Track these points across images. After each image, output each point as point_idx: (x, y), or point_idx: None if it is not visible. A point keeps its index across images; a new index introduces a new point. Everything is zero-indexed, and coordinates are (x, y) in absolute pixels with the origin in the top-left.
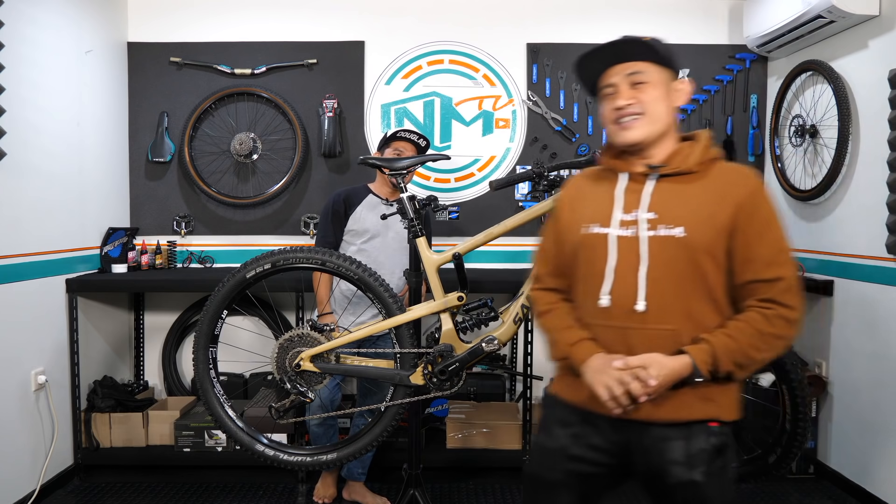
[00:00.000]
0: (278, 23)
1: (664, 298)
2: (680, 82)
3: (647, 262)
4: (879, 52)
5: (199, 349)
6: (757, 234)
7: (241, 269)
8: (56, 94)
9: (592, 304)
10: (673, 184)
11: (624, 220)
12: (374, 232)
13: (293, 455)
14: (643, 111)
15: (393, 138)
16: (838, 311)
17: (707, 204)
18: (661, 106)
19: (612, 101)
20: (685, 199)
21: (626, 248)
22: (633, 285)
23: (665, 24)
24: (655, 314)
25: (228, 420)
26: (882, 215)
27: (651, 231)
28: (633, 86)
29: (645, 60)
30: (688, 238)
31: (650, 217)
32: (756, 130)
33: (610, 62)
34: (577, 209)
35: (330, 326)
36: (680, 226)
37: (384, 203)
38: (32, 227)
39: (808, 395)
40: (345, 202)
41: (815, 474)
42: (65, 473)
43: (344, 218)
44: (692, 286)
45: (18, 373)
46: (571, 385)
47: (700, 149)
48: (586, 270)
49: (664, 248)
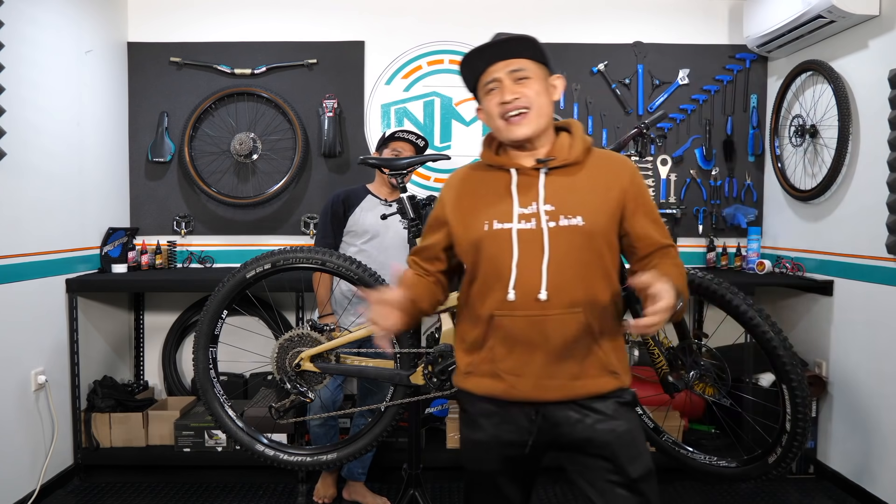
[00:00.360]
0: (278, 23)
1: (568, 285)
2: (555, 78)
3: (549, 253)
4: (879, 52)
5: (199, 349)
6: (645, 214)
7: (241, 269)
8: (56, 94)
9: (501, 298)
10: (561, 175)
11: (523, 213)
12: (374, 232)
13: (293, 455)
14: (530, 105)
15: (391, 139)
16: (838, 311)
17: (597, 192)
18: (543, 100)
19: (498, 96)
20: (577, 189)
21: (529, 240)
22: (537, 276)
23: (665, 24)
24: (561, 300)
25: (228, 420)
26: (882, 215)
27: (552, 222)
28: (516, 81)
29: (525, 57)
30: (587, 226)
31: (548, 209)
32: (756, 130)
33: (492, 59)
34: (470, 208)
35: (330, 326)
36: (579, 215)
37: (383, 203)
38: (32, 227)
39: (808, 395)
40: (344, 203)
41: (815, 474)
42: (65, 473)
43: (343, 219)
44: (592, 270)
45: (18, 373)
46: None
47: (580, 140)
48: (490, 266)
49: (566, 237)
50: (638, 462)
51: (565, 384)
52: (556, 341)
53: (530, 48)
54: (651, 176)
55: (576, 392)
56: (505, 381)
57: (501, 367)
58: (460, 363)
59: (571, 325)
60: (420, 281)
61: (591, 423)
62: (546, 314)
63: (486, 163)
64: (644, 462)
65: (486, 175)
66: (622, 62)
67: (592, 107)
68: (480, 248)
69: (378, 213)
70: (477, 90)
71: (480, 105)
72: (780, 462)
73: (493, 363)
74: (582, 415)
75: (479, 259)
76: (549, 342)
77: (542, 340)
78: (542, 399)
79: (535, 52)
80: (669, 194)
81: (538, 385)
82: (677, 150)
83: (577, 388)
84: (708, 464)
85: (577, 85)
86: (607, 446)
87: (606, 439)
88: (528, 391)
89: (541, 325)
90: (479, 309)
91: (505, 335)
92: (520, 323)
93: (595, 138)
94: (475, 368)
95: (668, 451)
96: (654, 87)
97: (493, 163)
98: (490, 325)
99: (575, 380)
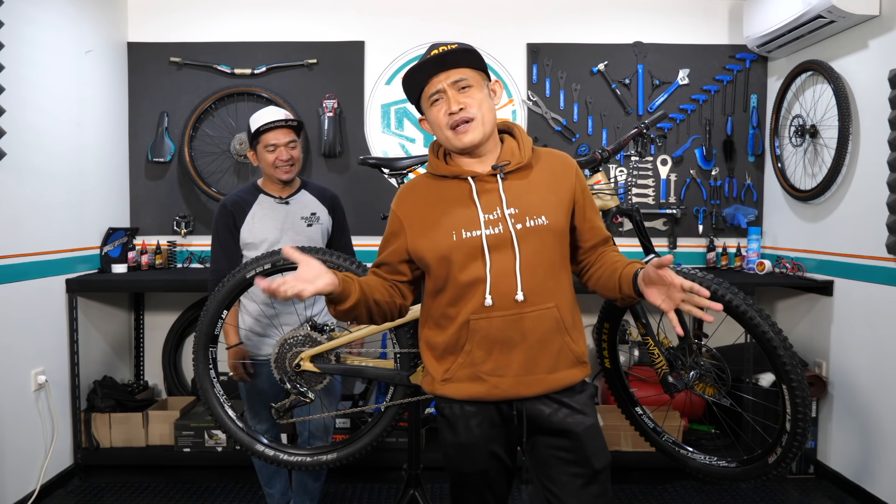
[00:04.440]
0: (278, 23)
1: (541, 283)
2: (494, 83)
3: (520, 255)
4: (879, 52)
5: (199, 349)
6: (590, 206)
7: (241, 269)
8: (56, 95)
9: (478, 303)
10: (517, 179)
11: (489, 219)
12: (273, 239)
13: (293, 455)
14: (474, 115)
15: (267, 130)
16: (838, 311)
17: (550, 190)
18: (486, 106)
19: (444, 106)
20: (532, 190)
21: (499, 245)
22: (512, 279)
23: (665, 24)
24: (535, 298)
25: (228, 420)
26: (882, 215)
27: (519, 224)
28: (459, 91)
29: (465, 67)
30: (551, 224)
31: (512, 212)
32: (756, 130)
33: (434, 71)
34: (431, 220)
35: (330, 326)
36: (542, 215)
37: (280, 202)
38: (32, 227)
39: (808, 395)
40: (233, 214)
41: (815, 474)
42: (65, 473)
43: (236, 231)
44: (557, 264)
45: (18, 373)
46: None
47: (525, 141)
48: (463, 275)
49: (533, 237)
50: (601, 455)
51: (543, 378)
52: (534, 338)
53: (469, 57)
54: (651, 176)
55: (552, 385)
56: (487, 382)
57: (482, 370)
58: (434, 371)
59: (546, 321)
60: (373, 278)
61: (563, 416)
62: (523, 312)
63: (437, 173)
64: (605, 455)
65: (439, 186)
66: (622, 62)
67: (592, 107)
68: (451, 258)
69: (275, 215)
70: (420, 102)
71: (424, 116)
72: (780, 462)
73: (472, 367)
74: (553, 408)
75: (451, 269)
76: (527, 339)
77: (520, 338)
78: (522, 395)
79: (474, 61)
80: (669, 194)
81: (518, 382)
82: (677, 150)
83: (553, 381)
84: (708, 464)
85: (577, 85)
86: (577, 439)
87: (576, 431)
88: (509, 389)
89: (518, 323)
90: (451, 316)
91: (482, 337)
92: (497, 324)
93: (595, 138)
94: (453, 374)
95: (668, 451)
96: (654, 87)
97: (446, 173)
98: (466, 330)
99: (551, 373)
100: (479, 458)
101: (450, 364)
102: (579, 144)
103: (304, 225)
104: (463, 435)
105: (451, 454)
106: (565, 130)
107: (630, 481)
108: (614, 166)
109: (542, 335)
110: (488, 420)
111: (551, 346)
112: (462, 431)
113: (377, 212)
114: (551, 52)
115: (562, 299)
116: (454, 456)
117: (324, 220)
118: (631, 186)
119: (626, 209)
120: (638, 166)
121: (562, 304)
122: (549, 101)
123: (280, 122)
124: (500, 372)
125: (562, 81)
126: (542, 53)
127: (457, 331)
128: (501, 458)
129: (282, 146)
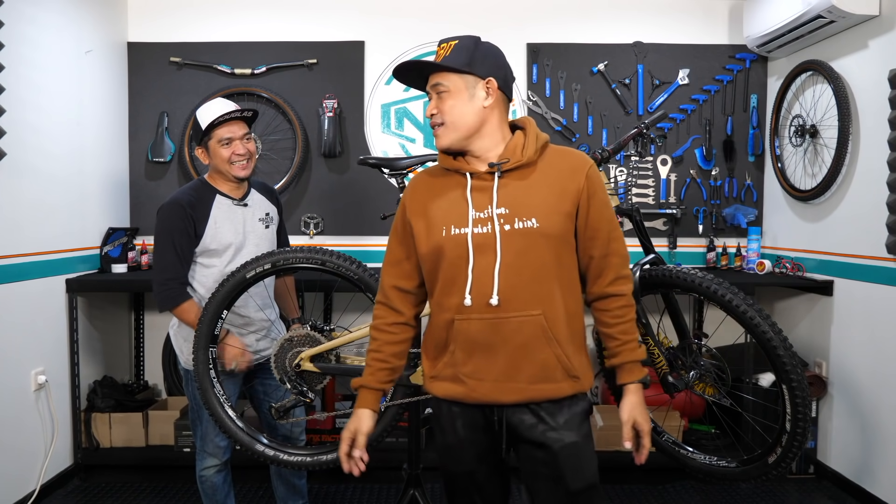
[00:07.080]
0: (278, 23)
1: (524, 288)
2: (487, 82)
3: (501, 258)
4: (879, 52)
5: (199, 349)
6: (597, 213)
7: (241, 269)
8: (56, 95)
9: (459, 303)
10: (516, 178)
11: (478, 218)
12: (238, 244)
13: (293, 455)
14: (443, 121)
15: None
16: (838, 311)
17: (552, 192)
18: (459, 111)
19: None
20: (531, 191)
21: (483, 245)
22: (490, 281)
23: (665, 24)
24: (516, 304)
25: (228, 420)
26: (882, 215)
27: (507, 226)
28: (437, 95)
29: (444, 72)
30: (542, 227)
31: (502, 213)
32: (756, 130)
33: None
34: (432, 212)
35: (330, 326)
36: (533, 217)
37: (237, 204)
38: (33, 228)
39: (808, 395)
40: (192, 218)
41: (815, 474)
42: (65, 473)
43: (196, 239)
44: (550, 272)
45: (18, 373)
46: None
47: (532, 138)
48: (449, 271)
49: (520, 240)
50: (579, 475)
51: (524, 387)
52: (514, 344)
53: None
54: (651, 176)
55: (532, 395)
56: (466, 384)
57: (463, 371)
58: (426, 368)
59: (530, 328)
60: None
61: (543, 430)
62: (503, 317)
63: (442, 166)
64: (585, 477)
65: (443, 180)
66: (622, 62)
67: (592, 107)
68: (441, 253)
69: (235, 218)
70: None
71: None
72: (780, 462)
73: (454, 367)
74: (534, 421)
75: (441, 264)
76: (508, 345)
77: (501, 343)
78: (500, 401)
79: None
80: (669, 194)
81: (496, 388)
82: (677, 150)
83: (534, 391)
84: (708, 464)
85: (577, 85)
86: (553, 456)
87: (553, 448)
88: (486, 393)
89: (499, 328)
90: (441, 314)
91: (464, 339)
92: (477, 326)
93: (595, 138)
94: (439, 373)
95: (668, 451)
96: (654, 87)
97: (449, 167)
98: (451, 330)
99: (533, 383)
100: (465, 459)
101: (437, 362)
102: (579, 144)
103: (263, 227)
104: (450, 435)
105: (441, 454)
106: (565, 130)
107: (630, 481)
108: (614, 166)
109: (525, 342)
110: (472, 423)
111: (536, 355)
112: (449, 432)
113: (377, 212)
114: (551, 52)
115: (552, 307)
116: (442, 456)
117: (275, 218)
118: (631, 186)
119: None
120: (638, 166)
121: (552, 312)
122: (549, 101)
123: (234, 113)
124: (479, 375)
125: (562, 81)
126: (542, 53)
127: (444, 330)
128: (489, 462)
129: (237, 140)
